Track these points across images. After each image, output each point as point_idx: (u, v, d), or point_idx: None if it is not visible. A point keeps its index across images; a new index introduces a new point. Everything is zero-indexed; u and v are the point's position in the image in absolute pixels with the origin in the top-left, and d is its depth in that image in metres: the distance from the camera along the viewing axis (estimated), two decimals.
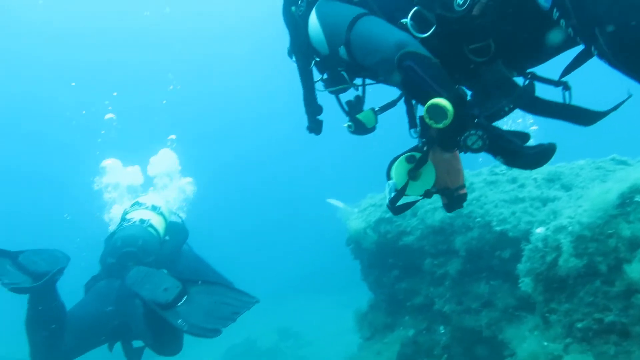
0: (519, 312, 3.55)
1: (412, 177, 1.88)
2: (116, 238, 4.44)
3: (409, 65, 1.68)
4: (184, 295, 3.58)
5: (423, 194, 1.90)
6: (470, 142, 1.62)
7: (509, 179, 4.40)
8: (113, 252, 4.37)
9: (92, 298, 4.34)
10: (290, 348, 12.22)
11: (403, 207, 1.91)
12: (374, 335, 5.14)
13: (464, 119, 1.61)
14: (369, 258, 5.21)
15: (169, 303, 3.51)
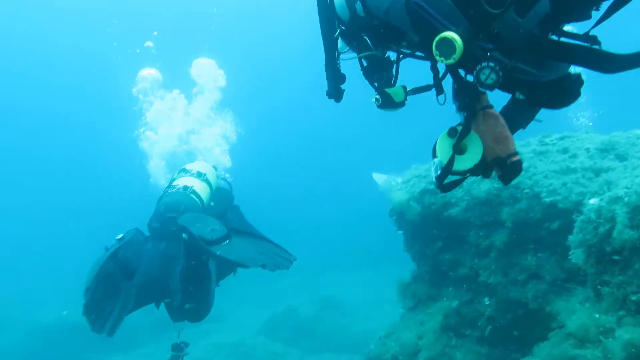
0: (569, 284, 3.48)
1: (458, 151, 1.77)
2: (160, 204, 4.74)
3: (416, 2, 1.67)
4: (227, 239, 4.09)
5: (473, 169, 1.79)
6: (483, 77, 1.56)
7: (559, 149, 4.28)
8: (157, 217, 4.67)
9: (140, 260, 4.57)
10: (331, 317, 12.40)
11: (451, 185, 1.84)
12: (417, 305, 5.16)
13: (474, 51, 1.55)
14: (412, 229, 5.19)
15: (213, 240, 4.01)
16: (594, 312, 2.99)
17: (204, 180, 4.97)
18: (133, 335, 13.07)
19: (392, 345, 4.85)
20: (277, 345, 11.42)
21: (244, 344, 11.16)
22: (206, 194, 4.90)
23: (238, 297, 13.10)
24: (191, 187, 4.83)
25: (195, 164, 5.23)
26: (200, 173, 5.02)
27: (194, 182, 4.90)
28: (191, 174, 4.99)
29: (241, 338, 11.45)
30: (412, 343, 4.70)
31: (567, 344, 3.10)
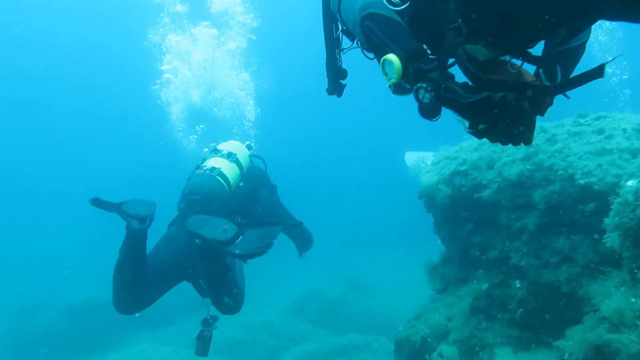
0: (603, 267, 3.43)
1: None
2: (186, 185, 4.89)
3: (367, 25, 1.84)
4: (239, 235, 4.12)
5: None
6: (420, 96, 1.69)
7: (594, 130, 4.18)
8: (183, 198, 4.82)
9: (164, 242, 4.81)
10: (357, 299, 12.51)
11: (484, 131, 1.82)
12: (446, 288, 5.14)
13: (411, 72, 1.70)
14: (442, 212, 5.16)
15: (228, 240, 4.05)
16: (630, 296, 2.94)
17: (233, 160, 5.04)
18: (163, 314, 13.41)
19: (421, 327, 4.85)
20: (304, 325, 11.59)
21: (272, 324, 11.35)
22: (234, 175, 4.97)
23: (266, 278, 13.29)
24: (218, 168, 4.90)
25: (228, 144, 5.30)
26: (230, 154, 5.09)
27: (222, 163, 4.97)
28: (221, 155, 5.08)
29: (269, 318, 11.64)
30: (442, 325, 4.70)
31: (601, 328, 3.06)
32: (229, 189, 4.88)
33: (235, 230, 4.12)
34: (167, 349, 8.82)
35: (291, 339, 10.74)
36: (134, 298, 4.48)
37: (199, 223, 4.25)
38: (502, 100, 1.57)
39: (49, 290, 14.44)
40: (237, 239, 4.09)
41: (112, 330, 12.33)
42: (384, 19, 1.81)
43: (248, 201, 5.19)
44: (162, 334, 11.88)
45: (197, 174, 4.94)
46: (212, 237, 4.07)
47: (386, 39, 1.80)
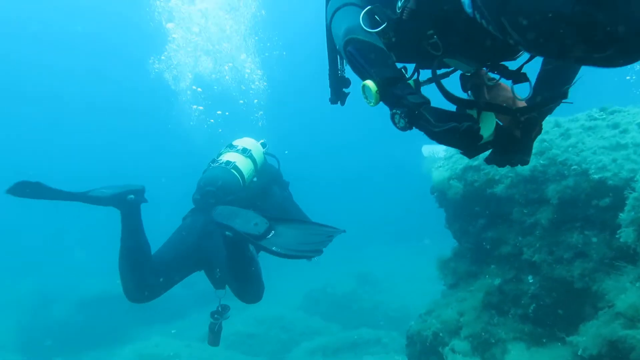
0: (618, 263, 3.40)
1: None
2: (201, 177, 4.98)
3: (349, 51, 1.93)
4: (271, 230, 4.01)
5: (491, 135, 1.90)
6: (396, 121, 1.80)
7: (609, 125, 4.15)
8: (198, 189, 4.90)
9: (178, 233, 4.87)
10: (368, 293, 12.53)
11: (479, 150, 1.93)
12: (457, 283, 5.13)
13: (387, 98, 1.81)
14: (454, 207, 5.15)
15: (261, 234, 3.93)
16: None
17: (247, 156, 5.13)
18: (175, 307, 13.52)
19: (432, 322, 4.85)
20: (315, 320, 11.63)
21: (283, 318, 11.40)
22: (248, 170, 5.06)
23: (276, 272, 13.33)
24: (233, 162, 5.00)
25: (243, 140, 5.38)
26: (245, 149, 5.18)
27: (237, 158, 5.06)
28: (236, 150, 5.17)
29: (281, 312, 11.69)
30: (454, 320, 4.69)
31: (616, 324, 3.05)
32: (243, 183, 4.97)
33: (266, 224, 4.07)
34: (178, 343, 8.90)
35: (302, 334, 10.78)
36: (138, 284, 4.56)
37: (228, 215, 4.24)
38: (468, 129, 1.66)
39: (62, 284, 14.60)
40: (269, 234, 4.03)
41: (125, 324, 12.46)
42: (364, 45, 1.91)
43: (260, 196, 5.25)
44: (174, 327, 11.97)
45: (213, 166, 5.03)
46: (244, 231, 4.03)
47: (366, 65, 1.89)
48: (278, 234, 4.05)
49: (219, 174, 4.88)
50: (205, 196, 4.83)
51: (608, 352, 3.21)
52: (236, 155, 5.12)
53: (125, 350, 8.14)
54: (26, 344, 12.07)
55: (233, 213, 4.26)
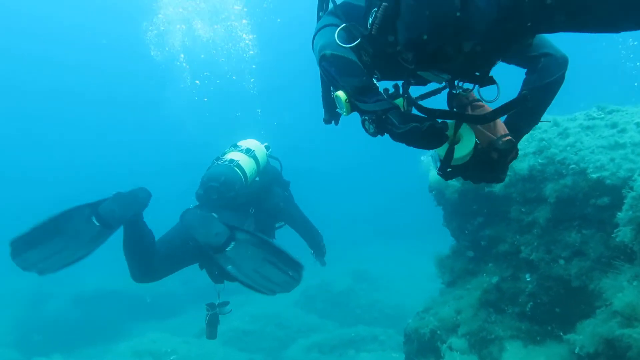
0: (616, 262, 3.42)
1: (453, 142, 1.98)
2: (205, 174, 5.17)
3: (323, 65, 2.09)
4: (231, 241, 4.19)
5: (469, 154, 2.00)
6: (366, 127, 1.96)
7: (608, 124, 4.16)
8: (202, 185, 5.10)
9: (179, 226, 5.00)
10: (365, 291, 12.55)
11: (454, 172, 2.11)
12: (455, 281, 5.15)
13: (355, 107, 1.95)
14: (451, 205, 5.16)
15: (220, 246, 4.14)
16: None
17: (251, 156, 5.31)
18: (172, 304, 13.54)
19: (430, 320, 4.87)
20: (312, 317, 11.65)
21: (279, 316, 11.42)
22: (251, 169, 5.22)
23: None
24: (237, 161, 5.17)
25: (247, 141, 5.55)
26: (248, 149, 5.36)
27: (240, 157, 5.23)
28: (240, 150, 5.35)
29: (277, 310, 11.70)
30: (451, 318, 4.71)
31: (613, 322, 3.07)
32: (245, 181, 5.12)
33: (227, 234, 4.21)
34: (176, 339, 8.90)
35: (299, 331, 10.80)
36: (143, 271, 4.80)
37: (194, 222, 4.46)
38: (429, 128, 1.77)
39: (57, 280, 14.57)
40: (229, 246, 4.17)
41: (121, 320, 12.47)
42: (337, 59, 2.05)
43: (262, 195, 5.44)
44: (170, 324, 11.98)
45: (217, 164, 5.20)
46: (204, 241, 4.22)
47: (337, 77, 2.03)
48: (238, 246, 4.18)
49: (222, 171, 5.05)
50: (208, 191, 5.01)
51: (605, 351, 3.23)
52: (240, 154, 5.27)
53: (122, 347, 8.14)
54: (21, 339, 12.05)
55: (198, 220, 4.46)
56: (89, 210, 4.50)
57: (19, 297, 13.94)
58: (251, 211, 5.29)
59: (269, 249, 4.24)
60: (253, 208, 5.32)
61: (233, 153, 5.29)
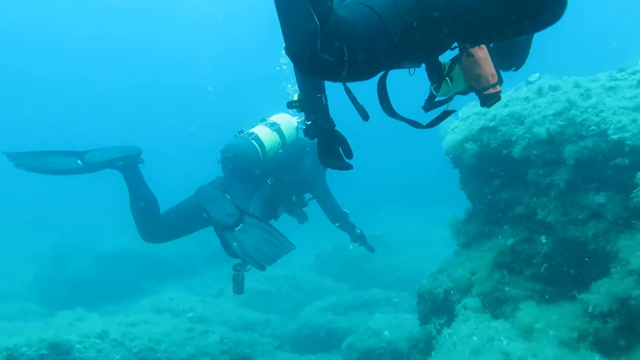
0: (635, 221, 3.41)
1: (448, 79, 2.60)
2: (224, 145, 5.52)
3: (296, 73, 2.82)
4: (240, 223, 4.71)
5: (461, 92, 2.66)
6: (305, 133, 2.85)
7: (631, 84, 4.09)
8: (220, 155, 5.50)
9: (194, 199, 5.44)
10: (380, 255, 12.64)
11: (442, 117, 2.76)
12: (470, 243, 5.18)
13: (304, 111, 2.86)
14: (469, 168, 5.15)
15: (229, 226, 4.66)
16: None
17: (275, 130, 5.53)
18: (189, 265, 13.83)
19: (444, 281, 4.92)
20: (327, 280, 11.81)
21: (295, 277, 11.60)
22: (272, 142, 5.47)
23: (288, 232, 13.50)
24: (256, 134, 5.45)
25: (278, 116, 5.77)
26: (274, 123, 5.59)
27: (261, 130, 5.50)
28: (265, 123, 5.60)
29: (292, 272, 11.88)
30: (465, 279, 4.75)
31: (629, 281, 3.08)
32: (263, 153, 5.37)
33: (236, 216, 4.72)
34: (193, 298, 9.11)
35: (314, 293, 10.98)
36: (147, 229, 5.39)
37: (210, 198, 5.01)
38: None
39: (79, 240, 14.95)
40: (237, 227, 4.68)
41: (140, 279, 12.80)
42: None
43: (285, 168, 5.70)
44: (188, 285, 12.26)
45: (237, 136, 5.54)
46: (216, 219, 4.75)
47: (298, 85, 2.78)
48: (245, 228, 4.70)
49: (237, 143, 5.39)
50: (223, 162, 5.44)
51: (618, 310, 3.26)
52: (262, 127, 5.53)
53: (141, 303, 8.38)
54: (44, 294, 12.46)
55: (213, 198, 5.00)
56: (76, 156, 5.17)
57: (42, 255, 14.35)
58: (269, 182, 5.57)
59: (270, 231, 4.79)
60: (272, 179, 5.60)
61: (257, 127, 5.55)
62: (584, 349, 3.30)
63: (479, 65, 2.59)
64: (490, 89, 2.58)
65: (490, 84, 2.58)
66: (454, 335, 4.07)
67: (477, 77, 2.60)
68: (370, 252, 6.64)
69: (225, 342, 6.43)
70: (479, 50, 2.59)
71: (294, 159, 5.78)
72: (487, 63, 2.60)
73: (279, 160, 5.58)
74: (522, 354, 3.25)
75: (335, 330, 8.37)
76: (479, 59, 2.58)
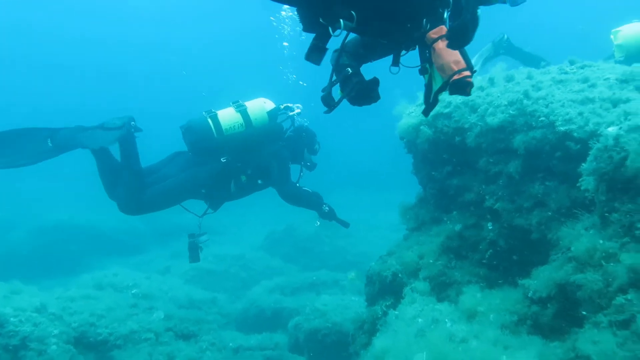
0: (576, 210, 3.54)
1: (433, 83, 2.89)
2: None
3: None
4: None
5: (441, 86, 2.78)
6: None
7: (579, 79, 4.21)
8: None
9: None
10: (330, 237, 12.73)
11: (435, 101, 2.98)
12: (420, 227, 5.26)
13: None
14: (422, 153, 5.20)
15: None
16: (599, 238, 3.06)
17: (239, 111, 5.76)
18: (135, 242, 13.50)
19: (392, 263, 4.98)
20: (275, 261, 11.81)
21: (244, 257, 11.53)
22: (231, 121, 5.71)
23: (239, 212, 13.38)
24: (215, 113, 5.74)
25: (255, 100, 5.96)
26: (240, 105, 5.81)
27: (224, 111, 5.78)
28: (232, 104, 5.85)
29: (242, 251, 11.81)
30: (413, 262, 4.82)
31: (568, 267, 3.20)
32: (217, 131, 5.65)
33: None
34: (138, 274, 8.89)
35: (262, 273, 10.96)
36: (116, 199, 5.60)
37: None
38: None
39: (20, 213, 14.32)
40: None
41: (83, 254, 12.38)
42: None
43: (247, 149, 5.89)
44: (133, 261, 11.98)
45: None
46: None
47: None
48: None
49: (192, 118, 5.78)
50: (182, 136, 5.88)
51: (556, 295, 3.38)
52: (228, 109, 5.79)
53: (83, 278, 8.08)
54: None
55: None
56: (47, 133, 5.22)
57: None
58: (222, 160, 5.80)
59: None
60: (228, 157, 5.82)
61: (225, 108, 5.80)
62: (523, 332, 3.41)
63: (440, 55, 2.66)
64: (455, 75, 2.61)
65: (454, 70, 2.62)
66: (399, 316, 4.13)
67: (441, 67, 2.68)
68: (344, 227, 6.66)
69: (170, 319, 6.32)
70: (440, 42, 2.65)
71: (259, 142, 5.89)
72: (447, 52, 2.64)
73: (240, 141, 5.76)
74: (465, 335, 3.33)
75: (282, 310, 8.39)
76: (439, 50, 2.64)
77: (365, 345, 4.77)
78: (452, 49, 2.60)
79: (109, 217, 12.62)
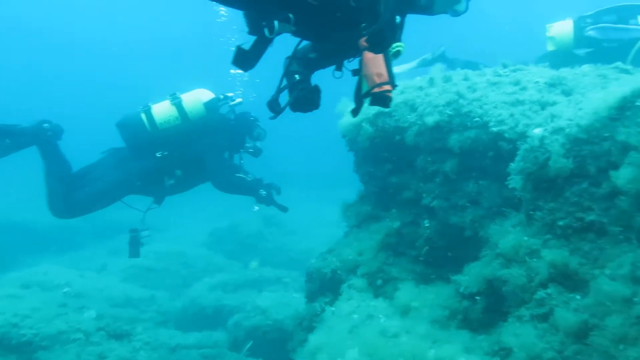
0: (505, 209, 3.67)
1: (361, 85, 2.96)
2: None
3: None
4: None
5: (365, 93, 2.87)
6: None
7: (511, 81, 4.37)
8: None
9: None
10: (273, 234, 12.67)
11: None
12: (360, 224, 5.30)
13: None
14: (363, 151, 5.25)
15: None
16: (524, 235, 3.19)
17: (174, 103, 5.67)
18: (70, 239, 12.94)
19: (332, 260, 5.01)
20: (218, 258, 11.64)
21: (185, 255, 11.30)
22: (165, 115, 5.65)
23: (181, 209, 13.11)
24: (148, 106, 5.69)
25: (193, 91, 5.87)
26: (176, 97, 5.72)
27: (159, 104, 5.70)
28: (169, 97, 5.75)
29: (183, 248, 11.57)
30: (352, 259, 4.87)
31: (495, 263, 3.32)
32: (151, 125, 5.60)
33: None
34: (71, 272, 8.49)
35: (204, 270, 10.76)
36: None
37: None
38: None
39: None
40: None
41: (12, 252, 11.72)
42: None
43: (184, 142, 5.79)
44: (67, 259, 11.45)
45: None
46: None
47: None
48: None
49: (126, 114, 5.75)
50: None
51: (485, 290, 3.51)
52: (163, 102, 5.71)
53: (8, 277, 7.58)
54: None
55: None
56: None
57: None
58: (158, 154, 5.70)
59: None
60: (164, 152, 5.72)
61: (162, 101, 5.74)
62: (453, 327, 3.51)
63: (367, 65, 2.72)
64: (375, 88, 2.69)
65: (375, 83, 2.68)
66: (336, 313, 4.16)
67: (366, 76, 2.75)
68: (282, 211, 6.55)
69: (102, 319, 6.10)
70: (368, 53, 2.69)
71: (198, 134, 5.78)
72: (374, 63, 2.70)
73: (177, 134, 5.69)
74: (397, 330, 3.39)
75: (223, 307, 8.27)
76: (367, 59, 2.70)
77: (303, 341, 4.77)
78: (375, 53, 2.64)
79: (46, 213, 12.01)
